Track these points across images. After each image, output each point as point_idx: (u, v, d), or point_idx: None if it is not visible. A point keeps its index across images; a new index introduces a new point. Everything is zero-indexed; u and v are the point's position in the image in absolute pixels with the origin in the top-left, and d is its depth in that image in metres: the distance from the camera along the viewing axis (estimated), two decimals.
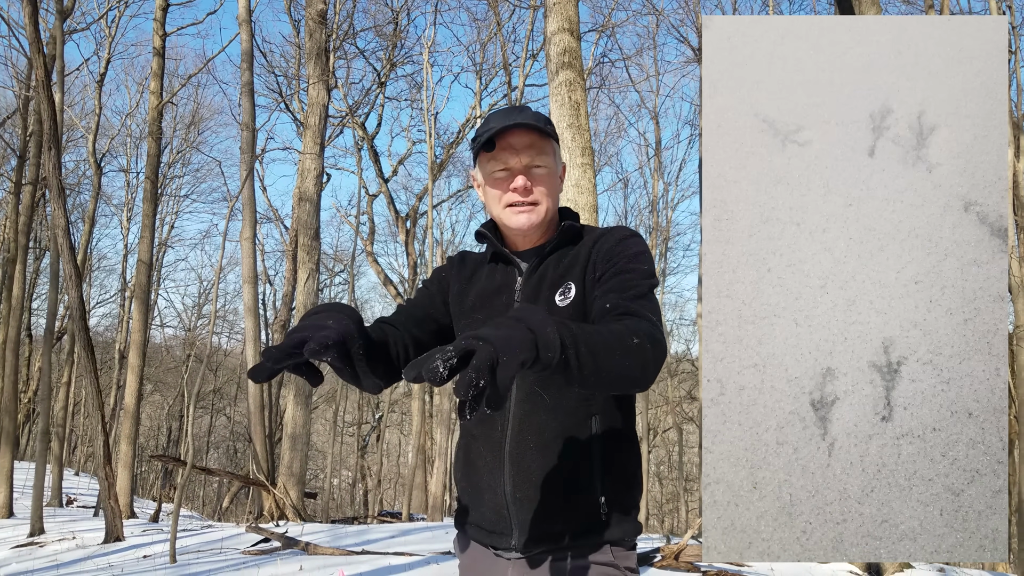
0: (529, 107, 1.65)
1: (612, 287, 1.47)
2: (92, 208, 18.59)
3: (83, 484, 22.10)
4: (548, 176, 1.60)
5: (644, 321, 1.37)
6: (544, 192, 1.60)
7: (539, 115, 1.62)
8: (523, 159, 1.58)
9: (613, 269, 1.51)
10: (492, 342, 1.05)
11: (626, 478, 1.55)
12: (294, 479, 12.00)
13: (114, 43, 20.23)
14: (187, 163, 29.71)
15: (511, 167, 1.59)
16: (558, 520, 1.49)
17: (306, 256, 13.05)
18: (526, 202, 1.59)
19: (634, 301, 1.43)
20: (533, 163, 1.59)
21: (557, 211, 1.67)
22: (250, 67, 13.50)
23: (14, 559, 8.87)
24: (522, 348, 1.08)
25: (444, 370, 1.02)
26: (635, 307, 1.41)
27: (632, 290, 1.46)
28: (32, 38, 9.11)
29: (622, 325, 1.32)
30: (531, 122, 1.55)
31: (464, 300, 1.67)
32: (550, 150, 1.61)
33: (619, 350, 1.25)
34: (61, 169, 9.28)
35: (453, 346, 1.05)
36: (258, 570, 6.45)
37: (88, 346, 9.17)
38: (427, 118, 18.02)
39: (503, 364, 1.05)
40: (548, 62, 6.30)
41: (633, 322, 1.35)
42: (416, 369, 1.04)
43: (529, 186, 1.58)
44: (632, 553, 1.54)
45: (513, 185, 1.58)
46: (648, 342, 1.29)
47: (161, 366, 35.07)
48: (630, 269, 1.50)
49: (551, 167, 1.61)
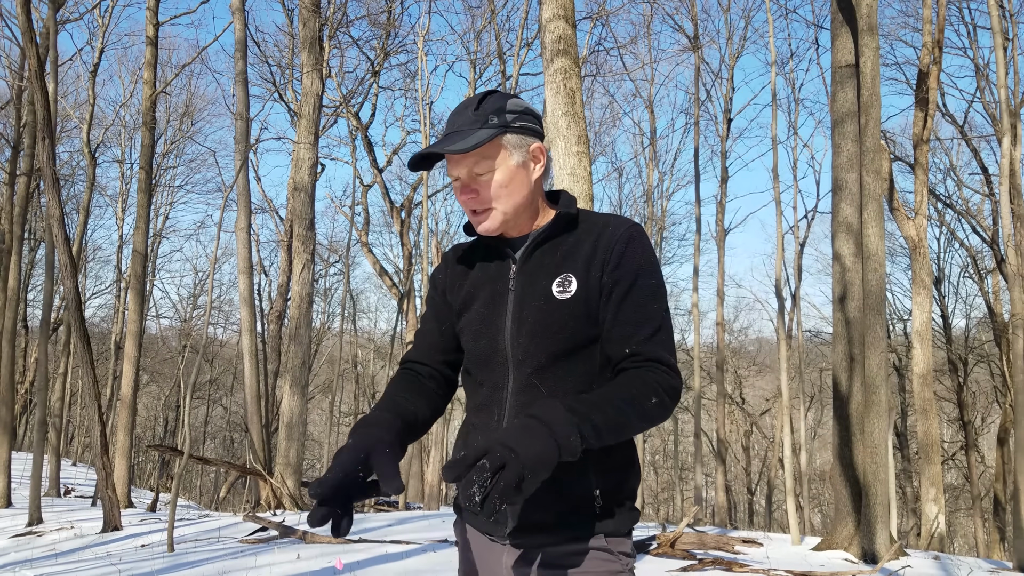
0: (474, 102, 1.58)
1: (628, 317, 1.50)
2: (87, 199, 18.54)
3: (80, 474, 22.12)
4: (494, 180, 1.55)
5: (663, 371, 1.46)
6: (496, 196, 1.56)
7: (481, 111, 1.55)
8: (461, 171, 1.56)
9: (624, 286, 1.51)
10: (522, 460, 1.23)
11: (622, 468, 1.54)
12: (291, 468, 12.04)
13: (107, 33, 20.13)
14: (181, 154, 29.66)
15: (458, 177, 1.57)
16: (552, 510, 1.49)
17: (301, 246, 13.03)
18: (479, 210, 1.57)
19: (652, 341, 1.49)
20: (475, 171, 1.55)
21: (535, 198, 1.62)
22: (244, 56, 13.46)
23: (13, 548, 8.89)
24: (547, 466, 1.26)
25: (479, 496, 1.20)
26: (656, 352, 1.49)
27: (648, 324, 1.50)
28: (25, 28, 9.06)
29: (642, 383, 1.43)
30: (454, 146, 1.50)
31: (461, 293, 1.67)
32: (493, 152, 1.55)
33: (636, 417, 1.40)
34: (55, 160, 9.25)
35: (489, 462, 1.22)
36: (255, 558, 6.48)
37: (84, 337, 9.17)
38: (422, 108, 17.94)
39: (528, 481, 1.23)
40: (543, 50, 6.29)
41: (653, 375, 1.45)
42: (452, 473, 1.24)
43: (475, 195, 1.56)
44: (627, 539, 1.55)
45: (462, 196, 1.58)
46: (667, 396, 1.44)
47: (157, 357, 35.06)
48: (642, 286, 1.52)
49: (502, 165, 1.56)
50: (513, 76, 17.50)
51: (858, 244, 8.64)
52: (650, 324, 1.50)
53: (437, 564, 6.00)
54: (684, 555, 6.82)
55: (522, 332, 1.53)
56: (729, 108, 21.58)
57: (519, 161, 1.57)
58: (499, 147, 1.56)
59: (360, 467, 1.38)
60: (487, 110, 1.56)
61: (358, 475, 1.38)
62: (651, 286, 1.53)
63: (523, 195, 1.59)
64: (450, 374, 1.73)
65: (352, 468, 1.37)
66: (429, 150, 1.54)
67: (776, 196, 12.07)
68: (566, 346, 1.50)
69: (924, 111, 14.08)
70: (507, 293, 1.59)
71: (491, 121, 1.55)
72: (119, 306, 26.28)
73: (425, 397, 1.67)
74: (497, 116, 1.55)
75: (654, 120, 22.46)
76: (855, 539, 8.20)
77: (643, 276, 1.53)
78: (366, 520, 9.49)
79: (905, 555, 8.02)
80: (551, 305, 1.53)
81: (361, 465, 1.38)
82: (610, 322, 1.51)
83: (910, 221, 13.97)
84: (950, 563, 7.99)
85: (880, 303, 7.91)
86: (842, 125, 9.04)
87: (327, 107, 20.92)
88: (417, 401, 1.63)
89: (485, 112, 1.55)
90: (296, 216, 13.43)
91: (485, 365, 1.59)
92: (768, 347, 35.69)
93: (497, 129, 1.54)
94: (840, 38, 9.14)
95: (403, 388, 1.65)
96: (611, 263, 1.52)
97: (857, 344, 8.48)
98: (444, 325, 1.71)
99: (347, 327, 30.43)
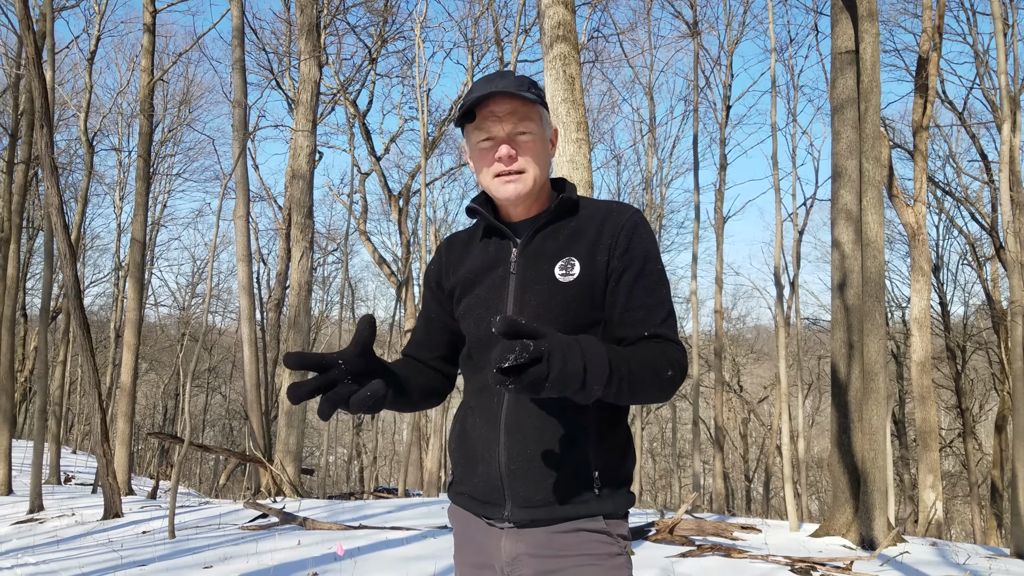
0: (513, 72, 1.61)
1: (640, 302, 1.52)
2: (85, 187, 18.47)
3: (81, 462, 22.15)
4: (534, 143, 1.57)
5: (677, 349, 1.49)
6: (530, 160, 1.56)
7: (523, 79, 1.58)
8: (505, 127, 1.55)
9: (633, 270, 1.53)
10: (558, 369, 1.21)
11: (619, 451, 1.55)
12: (291, 456, 12.07)
13: (104, 20, 20.03)
14: (179, 142, 29.54)
15: (494, 136, 1.56)
16: (551, 492, 1.49)
17: (300, 234, 13.02)
18: (512, 171, 1.55)
19: (665, 323, 1.53)
20: (516, 130, 1.55)
21: (549, 179, 1.65)
22: (241, 44, 13.40)
23: (15, 535, 8.92)
24: (570, 388, 1.24)
25: (509, 363, 1.16)
26: (669, 332, 1.52)
27: (660, 308, 1.53)
28: (21, 15, 9.02)
29: (661, 355, 1.45)
30: (510, 89, 1.52)
31: (460, 279, 1.67)
32: (535, 116, 1.57)
33: (654, 385, 1.41)
34: (53, 148, 9.23)
35: (536, 346, 1.19)
36: (256, 544, 6.51)
37: (84, 325, 9.17)
38: (419, 95, 17.90)
39: (551, 387, 1.20)
40: (542, 35, 6.27)
41: (670, 351, 1.47)
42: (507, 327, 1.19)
43: (514, 154, 1.55)
44: (624, 522, 1.56)
45: (497, 154, 1.55)
46: (679, 372, 1.45)
47: (156, 345, 35.06)
48: (651, 271, 1.55)
49: (537, 133, 1.57)
50: (511, 63, 17.43)
51: (857, 231, 8.65)
52: (662, 308, 1.53)
53: (437, 550, 6.03)
54: (683, 541, 6.85)
55: (524, 315, 1.54)
56: (728, 95, 21.51)
57: (547, 136, 1.62)
58: (540, 115, 1.59)
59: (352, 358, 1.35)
60: (525, 82, 1.59)
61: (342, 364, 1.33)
62: (658, 271, 1.56)
63: (546, 169, 1.62)
64: (447, 368, 1.75)
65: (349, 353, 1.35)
66: (494, 89, 1.53)
67: (775, 183, 12.07)
68: (568, 329, 1.50)
69: (924, 98, 14.05)
70: (509, 276, 1.59)
71: (532, 91, 1.57)
72: (118, 294, 26.24)
73: (423, 375, 1.70)
74: (534, 89, 1.59)
75: (653, 107, 22.40)
76: (853, 525, 8.24)
77: (651, 261, 1.55)
78: (366, 507, 9.53)
79: (903, 541, 8.07)
80: (554, 288, 1.53)
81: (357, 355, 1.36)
82: (622, 306, 1.53)
83: (909, 208, 13.96)
84: (948, 549, 8.03)
85: (879, 290, 7.91)
86: (842, 112, 9.03)
87: (325, 94, 20.87)
88: (415, 376, 1.66)
89: (524, 83, 1.58)
90: (294, 204, 13.41)
91: (486, 348, 1.58)
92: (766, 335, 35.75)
93: (537, 99, 1.57)
94: (840, 24, 9.12)
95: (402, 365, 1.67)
96: (619, 248, 1.53)
97: (856, 331, 8.50)
98: (438, 321, 1.72)
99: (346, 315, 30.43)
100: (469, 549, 1.65)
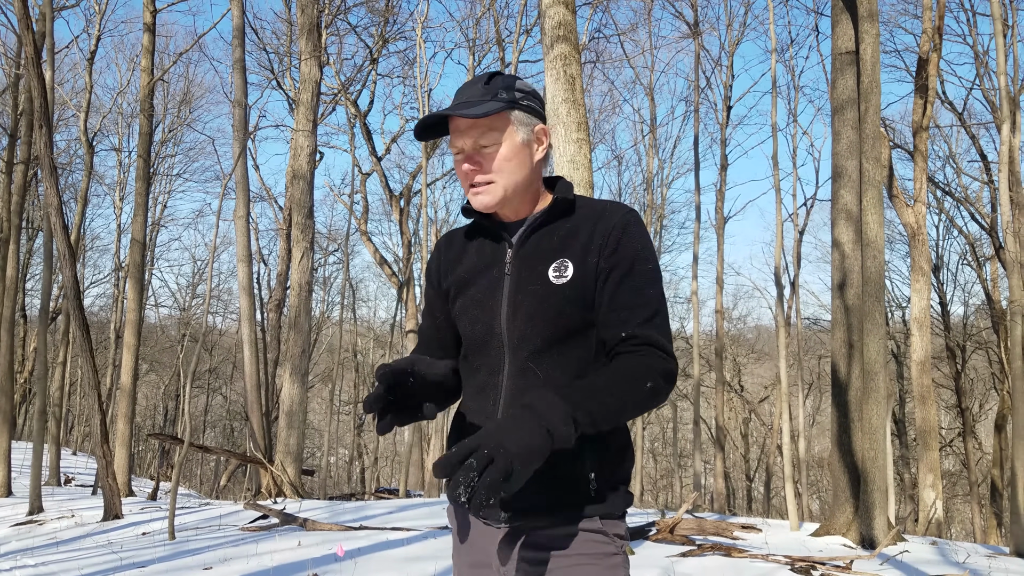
0: (486, 77, 1.59)
1: (624, 301, 1.50)
2: (84, 187, 18.48)
3: (80, 463, 22.15)
4: (499, 153, 1.55)
5: (659, 355, 1.46)
6: (497, 171, 1.56)
7: (494, 83, 1.57)
8: (467, 141, 1.55)
9: (621, 270, 1.51)
10: (512, 454, 1.22)
11: (616, 452, 1.54)
12: (291, 457, 12.07)
13: (104, 20, 20.06)
14: (179, 142, 29.58)
15: (462, 149, 1.57)
16: (546, 493, 1.49)
17: (300, 235, 13.02)
18: (479, 183, 1.56)
19: (649, 324, 1.49)
20: (480, 143, 1.55)
21: (534, 181, 1.62)
22: (241, 43, 13.40)
23: (14, 536, 8.92)
24: (539, 457, 1.26)
25: (466, 497, 1.20)
26: (651, 335, 1.48)
27: (644, 308, 1.50)
28: (21, 15, 9.02)
29: (639, 364, 1.44)
30: (462, 110, 1.51)
31: (456, 278, 1.66)
32: (501, 124, 1.56)
33: (631, 403, 1.41)
34: (53, 148, 9.23)
35: (476, 459, 1.21)
36: (257, 546, 6.51)
37: (83, 326, 9.17)
38: (420, 95, 17.92)
39: (518, 473, 1.23)
40: (543, 36, 6.27)
41: (649, 360, 1.45)
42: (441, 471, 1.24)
43: (475, 169, 1.56)
44: (621, 522, 1.55)
45: (463, 168, 1.57)
46: (661, 379, 1.44)
47: (156, 346, 35.07)
48: (639, 272, 1.52)
49: (505, 141, 1.56)
50: (512, 63, 17.44)
51: (857, 231, 8.65)
52: (647, 308, 1.50)
53: (438, 551, 6.03)
54: (683, 540, 6.85)
55: (518, 316, 1.53)
56: (729, 95, 21.52)
57: (524, 139, 1.58)
58: (507, 121, 1.56)
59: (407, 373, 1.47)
60: (497, 86, 1.57)
61: (408, 379, 1.46)
62: (648, 271, 1.53)
63: (524, 174, 1.58)
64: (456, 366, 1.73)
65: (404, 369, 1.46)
66: (439, 113, 1.54)
67: (776, 184, 12.07)
68: (562, 331, 1.50)
69: (924, 98, 14.05)
70: (503, 277, 1.58)
71: (500, 96, 1.55)
72: (118, 295, 26.25)
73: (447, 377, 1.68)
74: (506, 92, 1.56)
75: (654, 107, 22.37)
76: (853, 525, 8.24)
77: (640, 261, 1.53)
78: (367, 508, 9.53)
79: (903, 540, 8.06)
80: (547, 290, 1.53)
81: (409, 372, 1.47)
82: (607, 306, 1.51)
83: (909, 208, 13.96)
84: (948, 548, 8.04)
85: (879, 290, 7.91)
86: (842, 112, 9.03)
87: (325, 95, 20.87)
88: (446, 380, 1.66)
89: (495, 87, 1.56)
90: (295, 204, 13.41)
91: (481, 349, 1.58)
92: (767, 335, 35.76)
93: (506, 103, 1.54)
94: (840, 25, 9.12)
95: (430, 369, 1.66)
96: (608, 248, 1.52)
97: (856, 331, 8.49)
98: (441, 320, 1.71)
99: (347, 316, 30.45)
100: (467, 549, 1.65)
